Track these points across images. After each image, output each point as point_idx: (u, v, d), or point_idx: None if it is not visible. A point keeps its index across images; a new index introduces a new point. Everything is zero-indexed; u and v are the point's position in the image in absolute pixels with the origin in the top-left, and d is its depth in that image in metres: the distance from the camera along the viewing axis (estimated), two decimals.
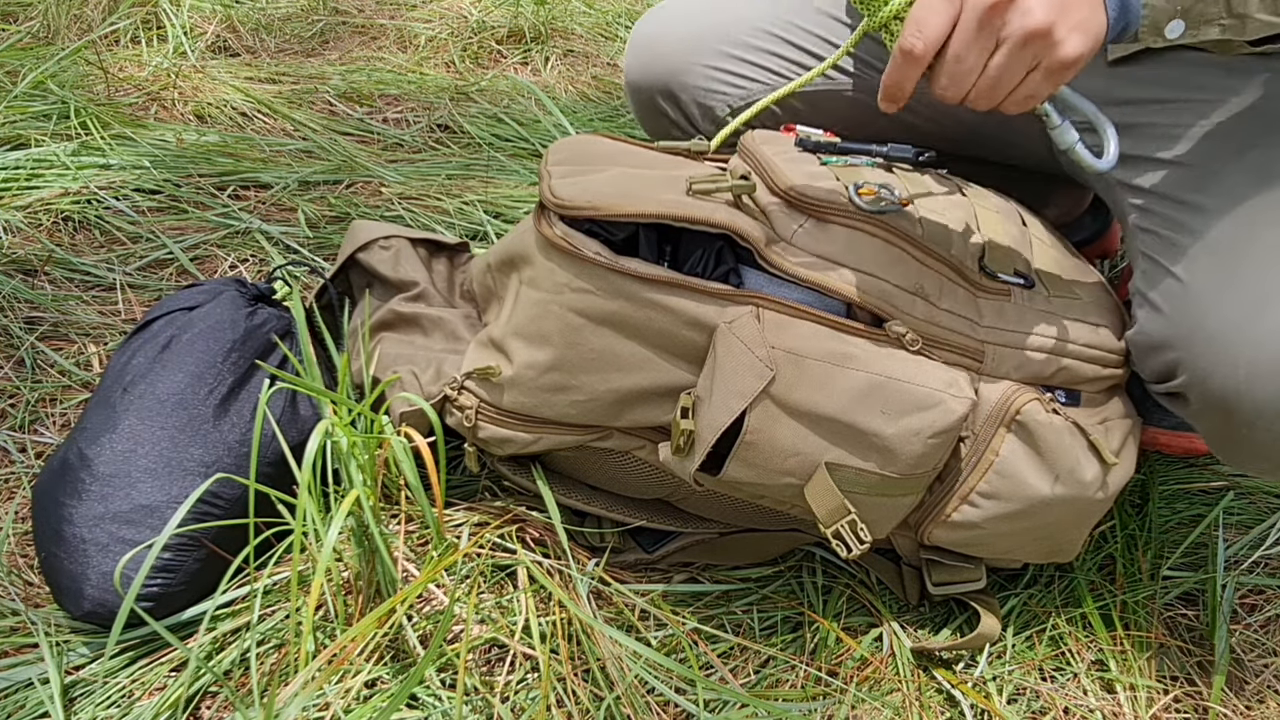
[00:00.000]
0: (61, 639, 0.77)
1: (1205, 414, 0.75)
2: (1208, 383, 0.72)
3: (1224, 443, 0.76)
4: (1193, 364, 0.73)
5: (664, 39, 1.04)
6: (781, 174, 0.79)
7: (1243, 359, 0.70)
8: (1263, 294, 0.70)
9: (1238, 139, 0.77)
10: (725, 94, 1.02)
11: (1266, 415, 0.70)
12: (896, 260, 0.76)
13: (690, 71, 1.02)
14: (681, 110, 1.04)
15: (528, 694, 0.77)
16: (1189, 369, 0.73)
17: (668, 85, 1.03)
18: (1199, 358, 0.72)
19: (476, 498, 0.92)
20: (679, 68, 1.02)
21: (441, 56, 1.89)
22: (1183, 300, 0.74)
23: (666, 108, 1.05)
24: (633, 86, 1.07)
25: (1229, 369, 0.70)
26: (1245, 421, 0.72)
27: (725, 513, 0.87)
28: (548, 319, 0.76)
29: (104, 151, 1.37)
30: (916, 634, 0.88)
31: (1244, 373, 0.70)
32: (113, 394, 0.82)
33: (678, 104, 1.04)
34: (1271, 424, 0.70)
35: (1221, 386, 0.71)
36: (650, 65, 1.04)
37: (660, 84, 1.04)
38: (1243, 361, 0.70)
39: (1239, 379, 0.70)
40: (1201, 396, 0.73)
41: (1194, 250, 0.75)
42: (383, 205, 1.37)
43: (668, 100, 1.04)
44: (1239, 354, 0.70)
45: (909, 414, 0.72)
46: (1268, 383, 0.69)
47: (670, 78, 1.03)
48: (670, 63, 1.03)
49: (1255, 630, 0.93)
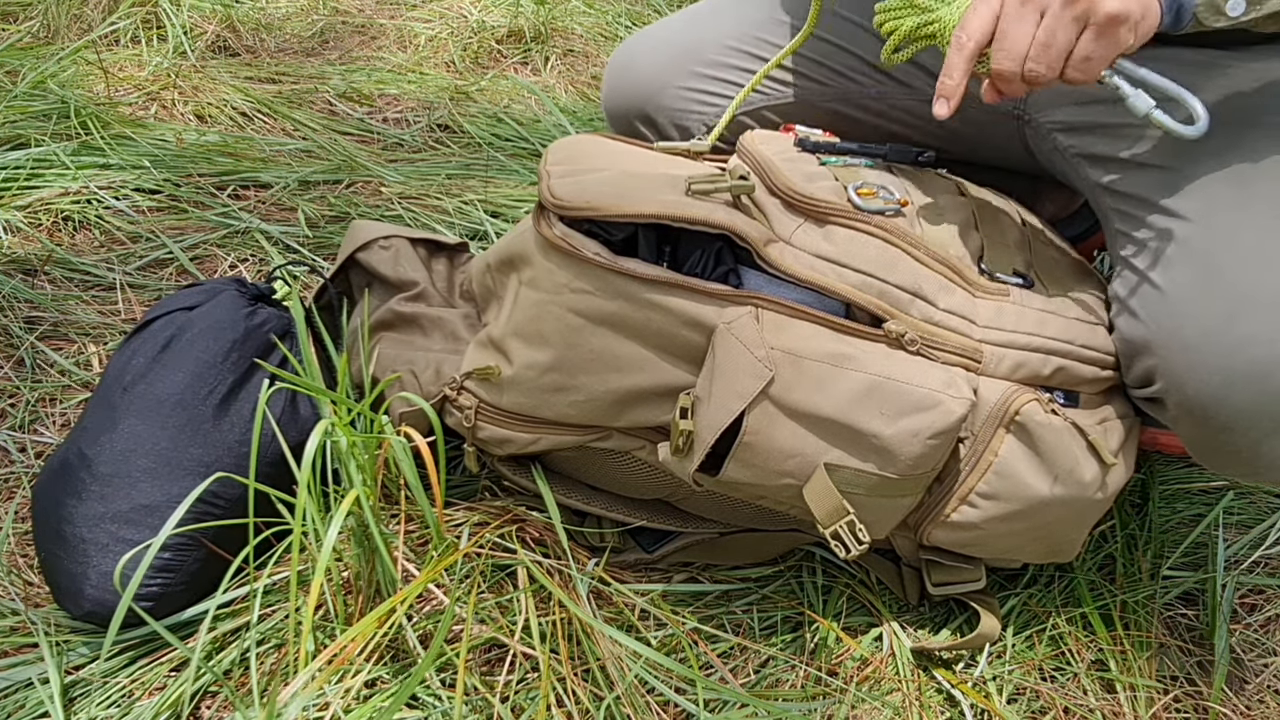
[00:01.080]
0: (61, 639, 0.77)
1: (1183, 419, 0.75)
2: (1184, 389, 0.73)
3: (1202, 448, 0.76)
4: (1169, 370, 0.73)
5: (636, 65, 1.06)
6: (780, 174, 0.79)
7: (1218, 366, 0.70)
8: (1238, 302, 0.70)
9: (1216, 141, 0.77)
10: (700, 113, 1.03)
11: (1242, 421, 0.71)
12: (895, 260, 0.76)
13: (664, 93, 1.03)
14: (659, 133, 1.06)
15: (527, 694, 0.77)
16: (1166, 375, 0.74)
17: (643, 109, 1.05)
18: (1175, 364, 0.73)
19: (476, 498, 0.92)
20: (653, 91, 1.04)
21: (441, 56, 1.89)
22: (1160, 307, 0.74)
23: (645, 132, 1.07)
24: (610, 114, 1.09)
25: (1205, 375, 0.71)
26: (1222, 427, 0.72)
27: (725, 513, 0.87)
28: (547, 319, 0.76)
29: (104, 151, 1.37)
30: (916, 634, 0.88)
31: (1219, 379, 0.70)
32: (113, 394, 0.82)
33: (655, 127, 1.05)
34: (1248, 430, 0.71)
35: (1198, 393, 0.72)
36: (625, 91, 1.06)
37: (636, 109, 1.06)
38: (1218, 369, 0.70)
39: (1215, 385, 0.71)
40: (1179, 402, 0.74)
41: (1172, 256, 0.75)
42: (383, 205, 1.37)
43: (645, 124, 1.06)
44: (1214, 361, 0.70)
45: (908, 415, 0.72)
46: (1243, 389, 0.69)
47: (645, 102, 1.04)
48: (644, 88, 1.04)
49: (1255, 630, 0.93)
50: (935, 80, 0.96)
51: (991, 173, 1.03)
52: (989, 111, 0.95)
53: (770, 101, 1.02)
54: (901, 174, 0.85)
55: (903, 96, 0.98)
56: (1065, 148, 0.89)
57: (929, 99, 0.97)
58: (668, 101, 1.03)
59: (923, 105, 0.99)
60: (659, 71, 1.03)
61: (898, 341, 0.75)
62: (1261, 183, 0.74)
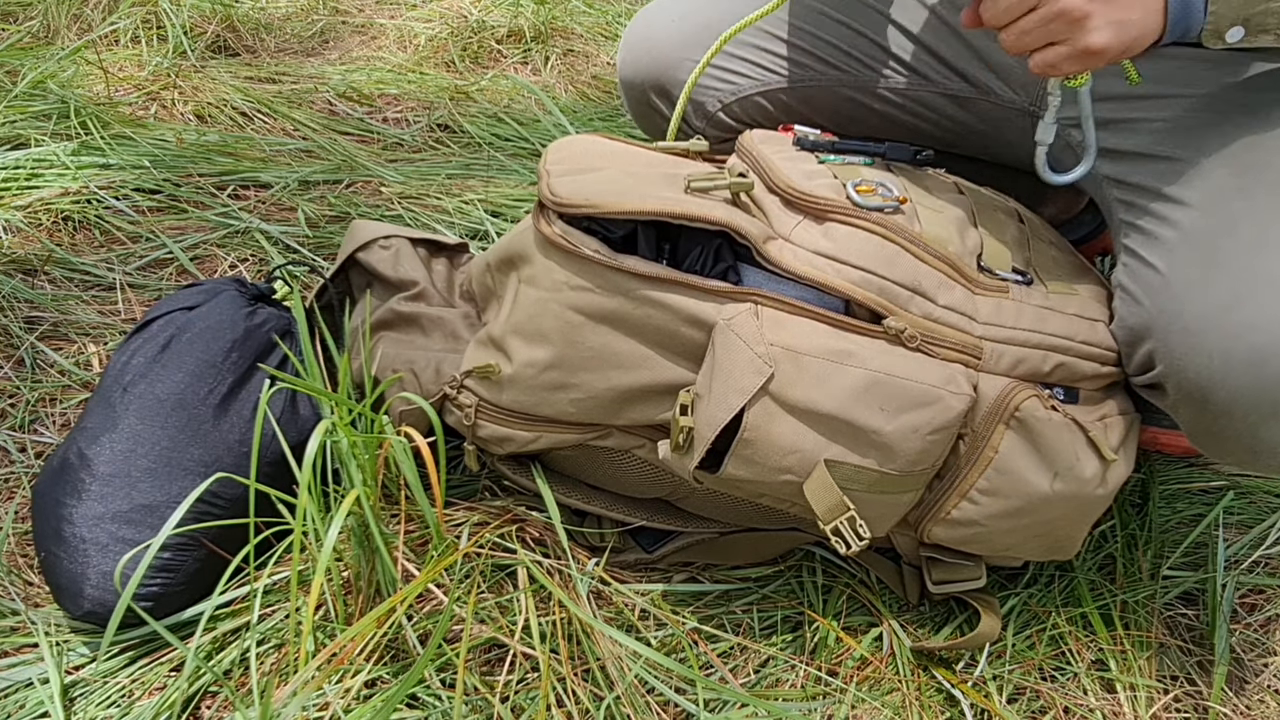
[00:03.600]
0: (61, 639, 0.77)
1: (1182, 405, 0.75)
2: (1184, 373, 0.73)
3: (1201, 434, 0.77)
4: (1169, 355, 0.74)
5: (655, 36, 1.05)
6: (779, 172, 0.79)
7: (1217, 350, 0.70)
8: (1239, 287, 0.71)
9: (1222, 134, 0.78)
10: (716, 89, 1.04)
11: (1241, 406, 0.71)
12: (894, 257, 0.76)
13: (681, 67, 1.03)
14: (673, 106, 1.05)
15: (527, 694, 0.77)
16: (1165, 360, 0.74)
17: (660, 81, 1.05)
18: (1175, 349, 0.73)
19: (476, 497, 0.92)
20: (671, 63, 1.04)
21: (441, 56, 1.89)
22: (1161, 292, 0.75)
23: (660, 104, 1.06)
24: (626, 84, 1.09)
25: (1204, 360, 0.71)
26: (1220, 412, 0.72)
27: (725, 512, 0.87)
28: (546, 317, 0.76)
29: (104, 151, 1.37)
30: (916, 633, 0.88)
31: (1219, 363, 0.71)
32: (112, 394, 0.82)
33: (669, 99, 1.05)
34: (1246, 414, 0.71)
35: (1197, 377, 0.72)
36: (642, 62, 1.06)
37: (653, 80, 1.05)
38: (1217, 353, 0.70)
39: (1214, 370, 0.71)
40: (1178, 387, 0.74)
41: (1173, 243, 0.76)
42: (383, 205, 1.37)
43: (660, 96, 1.06)
44: (1214, 345, 0.71)
45: (908, 411, 0.72)
46: (1242, 373, 0.70)
47: (662, 73, 1.04)
48: (662, 59, 1.04)
49: (1255, 630, 0.93)
50: (953, 74, 0.97)
51: (996, 173, 1.03)
52: (1002, 107, 0.96)
53: (788, 84, 1.03)
54: (900, 172, 0.85)
55: (920, 88, 0.99)
56: (1076, 143, 0.90)
57: (946, 93, 0.98)
58: (684, 75, 1.03)
59: (939, 99, 0.99)
60: (678, 46, 1.04)
61: (897, 338, 0.75)
62: (1265, 171, 0.75)
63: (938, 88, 0.98)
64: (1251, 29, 0.72)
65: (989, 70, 0.96)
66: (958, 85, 0.98)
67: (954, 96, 0.99)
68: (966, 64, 0.96)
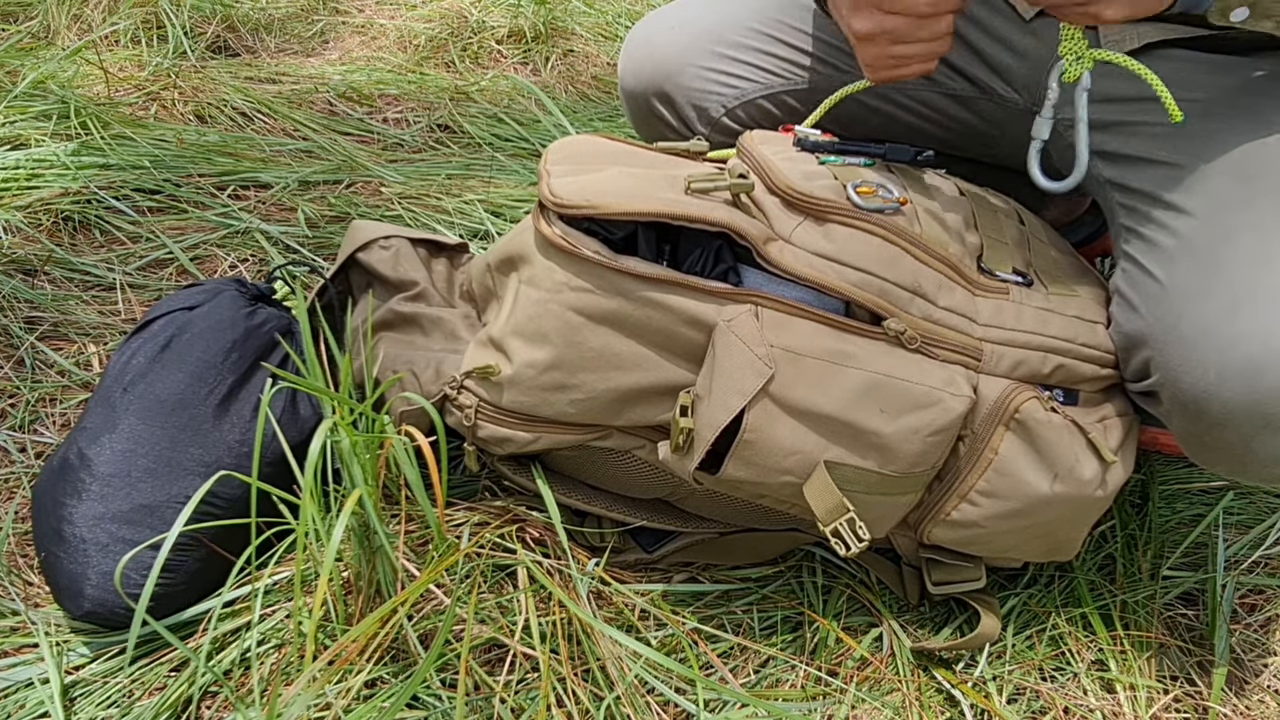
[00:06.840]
0: (61, 639, 0.77)
1: (1176, 414, 0.75)
2: (1179, 383, 0.73)
3: (1194, 443, 0.76)
4: (1165, 364, 0.74)
5: (657, 42, 1.05)
6: (779, 173, 0.79)
7: (1213, 361, 0.70)
8: (1236, 297, 0.70)
9: (1223, 140, 0.78)
10: (719, 94, 1.03)
11: (1235, 418, 0.71)
12: (895, 258, 0.76)
13: (684, 73, 1.03)
14: (676, 112, 1.05)
15: (528, 694, 0.77)
16: (1161, 368, 0.74)
17: (662, 87, 1.04)
18: (1171, 358, 0.73)
19: (476, 498, 0.92)
20: (672, 70, 1.03)
21: (441, 56, 1.89)
22: (1159, 301, 0.75)
23: (662, 110, 1.06)
24: (627, 91, 1.08)
25: (1200, 370, 0.71)
26: (1214, 422, 0.72)
27: (725, 512, 0.87)
28: (547, 318, 0.76)
29: (104, 151, 1.37)
30: (916, 634, 0.88)
31: (1214, 374, 0.70)
32: (113, 394, 0.82)
33: (672, 105, 1.05)
34: (1239, 426, 0.71)
35: (1192, 387, 0.72)
36: (644, 68, 1.05)
37: (655, 87, 1.05)
38: (1213, 363, 0.70)
39: (1209, 380, 0.71)
40: (1173, 396, 0.74)
41: (1173, 251, 0.76)
42: (383, 205, 1.37)
43: (663, 102, 1.05)
44: (1209, 356, 0.70)
45: (908, 412, 0.72)
46: (1237, 384, 0.69)
47: (664, 80, 1.04)
48: (664, 65, 1.04)
49: (1255, 630, 0.93)
50: (954, 74, 0.97)
51: (997, 175, 1.03)
52: (1004, 107, 0.96)
53: (791, 86, 1.02)
54: (900, 173, 0.85)
55: (921, 88, 0.99)
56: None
57: (947, 93, 0.98)
58: (687, 81, 1.03)
59: (941, 99, 0.99)
60: (680, 51, 1.03)
61: (898, 339, 0.75)
62: (1267, 180, 0.75)
63: (939, 88, 0.98)
64: (1257, 13, 0.72)
65: (990, 70, 0.96)
66: (959, 85, 0.98)
67: (955, 96, 0.99)
68: (968, 64, 0.97)
